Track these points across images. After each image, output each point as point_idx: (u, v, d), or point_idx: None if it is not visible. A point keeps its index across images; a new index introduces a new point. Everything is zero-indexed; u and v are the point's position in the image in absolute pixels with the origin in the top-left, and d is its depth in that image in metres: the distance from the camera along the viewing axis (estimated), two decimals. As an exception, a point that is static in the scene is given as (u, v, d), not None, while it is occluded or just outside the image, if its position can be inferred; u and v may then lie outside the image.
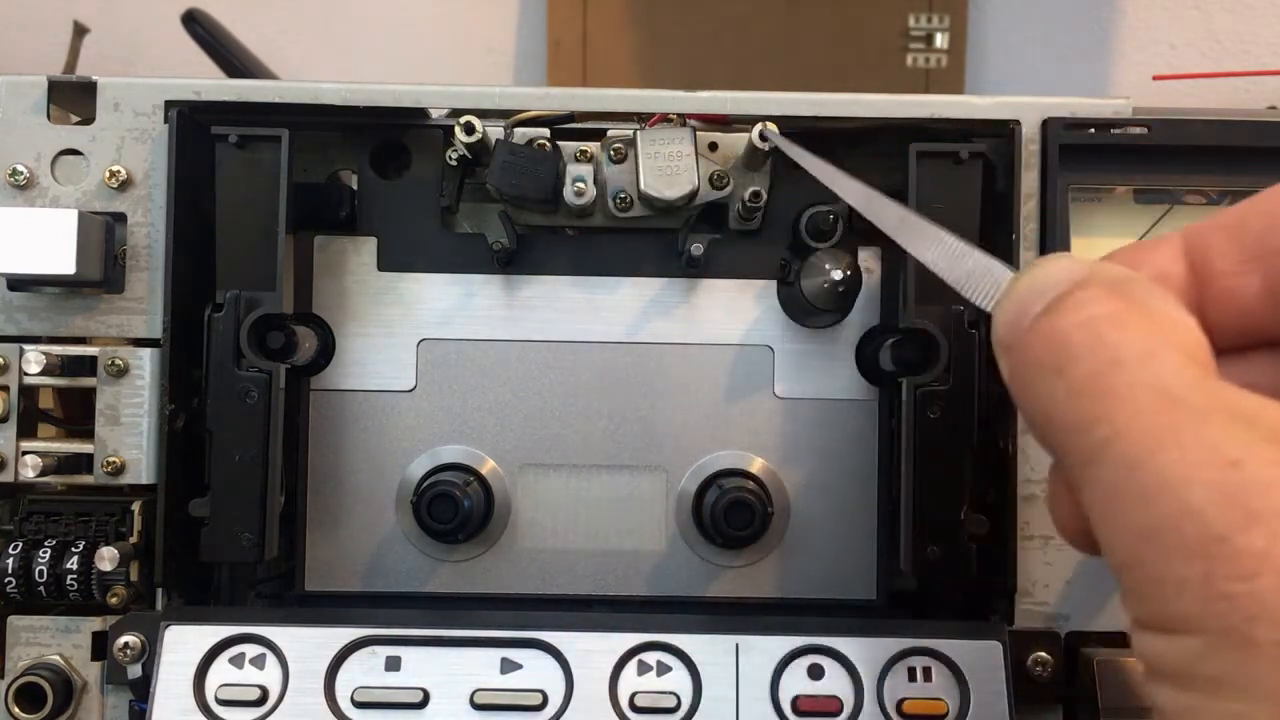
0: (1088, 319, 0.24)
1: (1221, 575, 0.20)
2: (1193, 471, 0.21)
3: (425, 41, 0.92)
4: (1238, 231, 0.27)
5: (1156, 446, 0.21)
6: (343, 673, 0.42)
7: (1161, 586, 0.21)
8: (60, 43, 0.82)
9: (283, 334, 0.45)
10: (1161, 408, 0.22)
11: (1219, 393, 0.22)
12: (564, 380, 0.49)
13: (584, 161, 0.48)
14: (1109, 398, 0.23)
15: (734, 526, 0.46)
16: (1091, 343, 0.23)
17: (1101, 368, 0.23)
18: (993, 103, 0.47)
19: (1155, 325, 0.24)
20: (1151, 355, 0.23)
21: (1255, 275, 0.26)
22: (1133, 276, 0.25)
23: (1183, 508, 0.21)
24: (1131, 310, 0.24)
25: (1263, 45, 0.92)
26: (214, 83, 0.46)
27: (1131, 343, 0.23)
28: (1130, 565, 0.22)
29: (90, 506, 0.46)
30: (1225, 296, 0.27)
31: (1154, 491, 0.21)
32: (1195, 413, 0.22)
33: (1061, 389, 0.24)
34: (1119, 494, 0.22)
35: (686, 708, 0.42)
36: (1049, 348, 0.24)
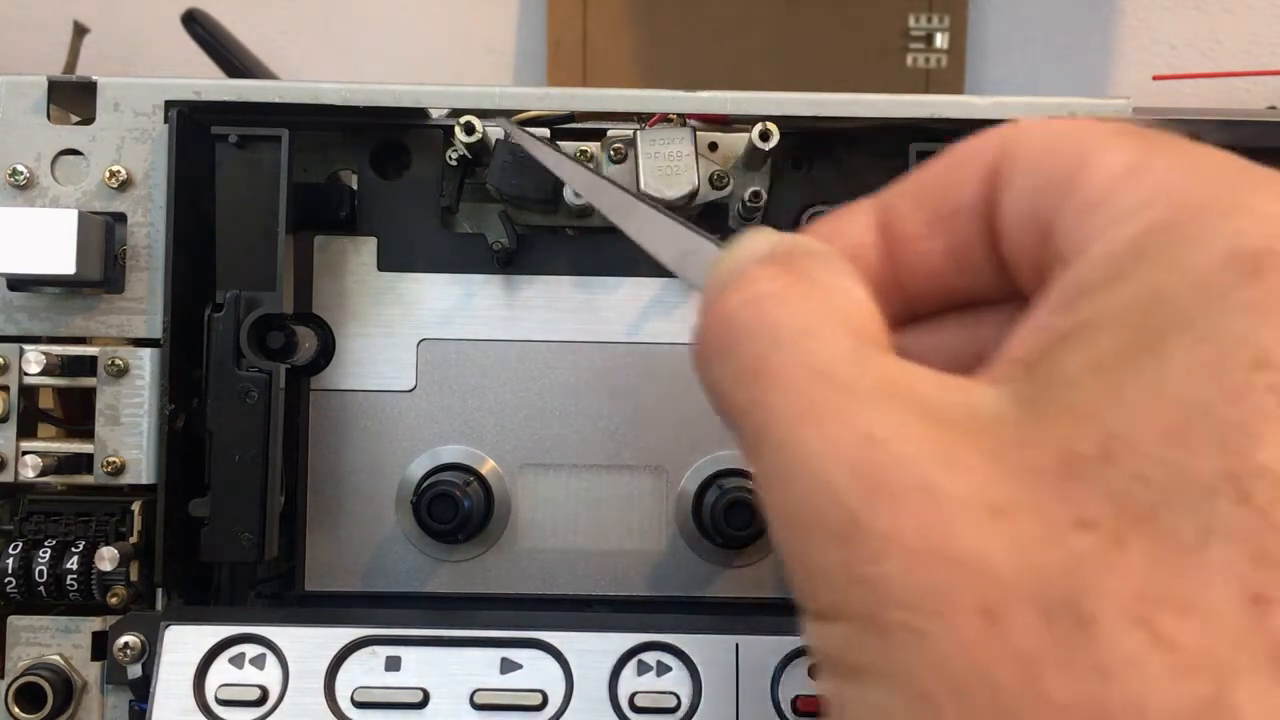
0: (753, 297, 0.23)
1: (856, 559, 0.19)
2: (832, 451, 0.20)
3: (425, 41, 0.92)
4: (920, 193, 0.26)
5: (801, 426, 0.21)
6: (343, 673, 0.42)
7: (810, 573, 0.21)
8: (60, 43, 0.82)
9: (283, 334, 0.45)
10: (814, 385, 0.21)
11: (872, 366, 0.21)
12: (564, 380, 0.49)
13: (584, 161, 0.48)
14: (767, 379, 0.22)
15: (734, 526, 0.46)
16: (754, 321, 0.23)
17: (763, 347, 0.22)
18: (993, 103, 0.47)
19: (818, 300, 0.23)
20: (809, 332, 0.22)
21: (941, 237, 0.25)
22: (811, 249, 0.25)
23: (822, 490, 0.20)
24: (797, 285, 0.23)
25: (1263, 45, 0.92)
26: (214, 83, 0.46)
27: (791, 319, 0.22)
28: (787, 554, 0.21)
29: (90, 506, 0.46)
30: (915, 261, 0.26)
31: (798, 472, 0.20)
32: (844, 389, 0.21)
33: (729, 372, 0.23)
34: (771, 480, 0.21)
35: (686, 708, 0.42)
36: (719, 329, 0.23)
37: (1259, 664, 0.17)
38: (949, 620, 0.18)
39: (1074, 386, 0.19)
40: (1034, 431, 0.19)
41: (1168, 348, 0.19)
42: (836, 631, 0.20)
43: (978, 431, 0.20)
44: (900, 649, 0.19)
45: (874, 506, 0.19)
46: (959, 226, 0.25)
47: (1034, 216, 0.23)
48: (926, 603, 0.18)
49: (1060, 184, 0.23)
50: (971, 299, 0.26)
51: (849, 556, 0.19)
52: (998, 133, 0.25)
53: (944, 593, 0.18)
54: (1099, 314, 0.20)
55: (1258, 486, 0.17)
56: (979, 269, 0.25)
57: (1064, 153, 0.23)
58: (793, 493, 0.20)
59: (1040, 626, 0.18)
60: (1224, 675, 0.17)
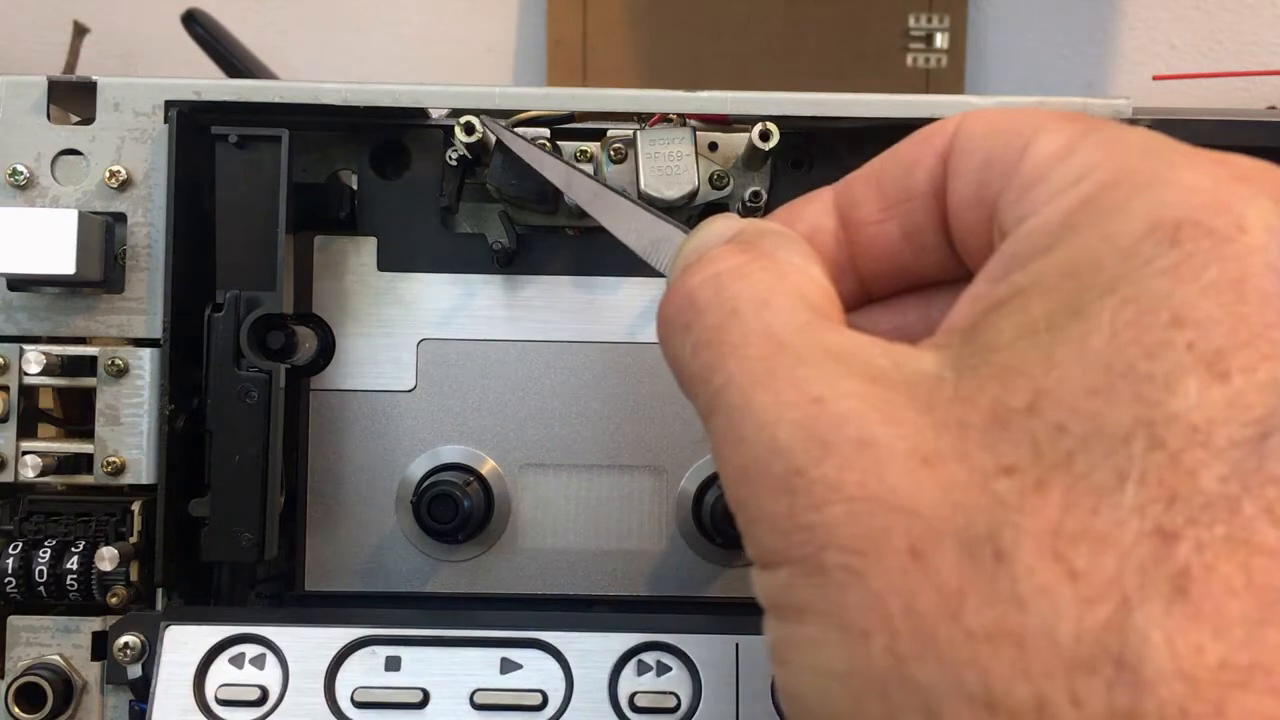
0: (713, 274, 0.25)
1: (800, 507, 0.21)
2: (781, 411, 0.22)
3: (425, 41, 0.92)
4: (877, 180, 0.28)
5: (754, 389, 0.22)
6: (343, 673, 0.42)
7: (758, 524, 0.22)
8: (60, 43, 0.82)
9: (283, 334, 0.45)
10: (767, 352, 0.23)
11: (821, 334, 0.23)
12: (564, 380, 0.49)
13: (584, 161, 0.48)
14: (724, 347, 0.23)
15: (734, 526, 0.46)
16: (714, 296, 0.24)
17: (722, 319, 0.24)
18: (993, 103, 0.47)
19: (774, 274, 0.24)
20: (765, 304, 0.23)
21: (895, 221, 0.27)
22: (771, 230, 0.26)
23: (770, 445, 0.21)
24: (755, 261, 0.25)
25: (1263, 45, 0.92)
26: (214, 83, 0.46)
27: (749, 292, 0.24)
28: (737, 506, 0.23)
29: (90, 506, 0.46)
30: (871, 245, 0.27)
31: (749, 433, 0.22)
32: (794, 355, 0.22)
33: (689, 343, 0.24)
34: (725, 439, 0.23)
35: (686, 708, 0.42)
36: (681, 305, 0.25)
37: (1161, 591, 0.18)
38: (881, 559, 0.20)
39: (1006, 349, 0.21)
40: (966, 390, 0.21)
41: (1093, 311, 0.20)
42: (779, 576, 0.22)
43: (915, 391, 0.21)
44: (837, 588, 0.20)
45: (818, 459, 0.21)
46: (913, 210, 0.27)
47: (979, 197, 0.25)
48: (862, 544, 0.20)
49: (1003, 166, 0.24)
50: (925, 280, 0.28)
51: (794, 505, 0.21)
52: (950, 120, 0.26)
53: (878, 534, 0.20)
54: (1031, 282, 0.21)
55: (1170, 433, 0.19)
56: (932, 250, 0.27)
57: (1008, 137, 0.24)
58: (744, 450, 0.22)
59: (962, 561, 0.19)
60: (1128, 601, 0.18)
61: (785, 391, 0.22)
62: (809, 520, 0.21)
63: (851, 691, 0.20)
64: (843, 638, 0.20)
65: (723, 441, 0.23)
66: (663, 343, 0.26)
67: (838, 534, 0.20)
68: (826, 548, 0.20)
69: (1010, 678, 0.18)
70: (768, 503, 0.22)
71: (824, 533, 0.20)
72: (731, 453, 0.23)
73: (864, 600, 0.20)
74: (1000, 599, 0.19)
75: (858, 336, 0.23)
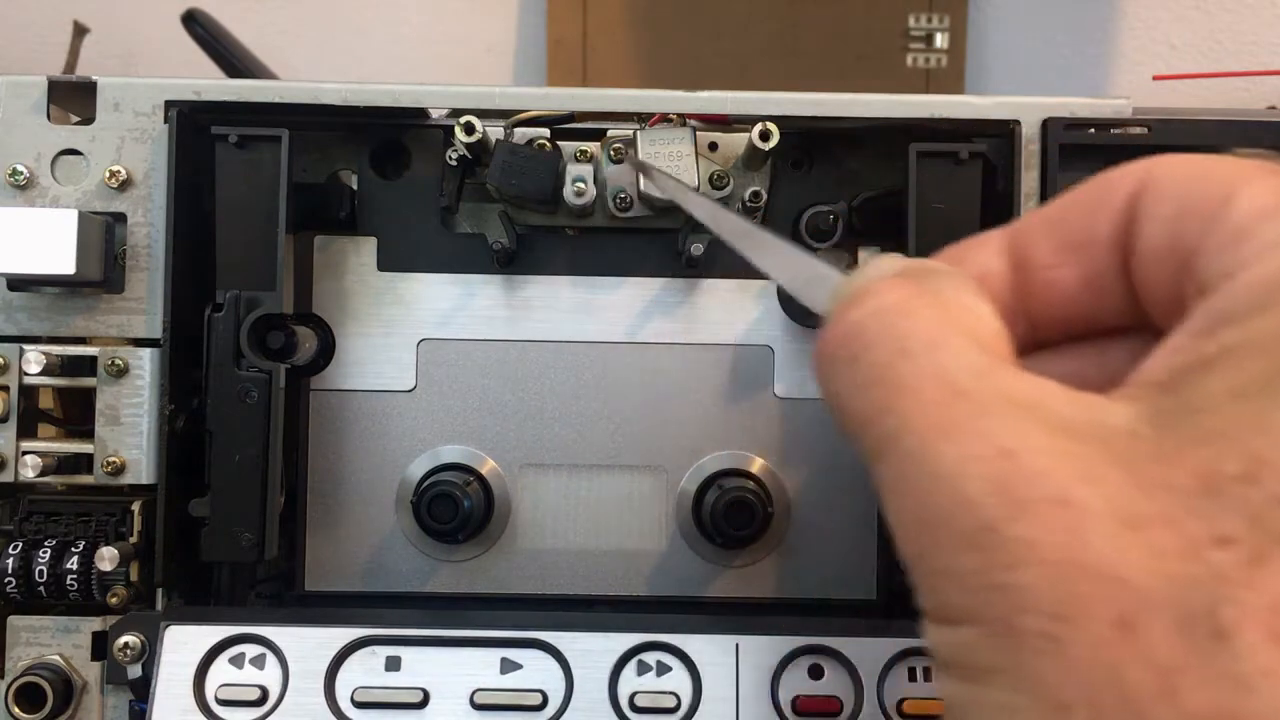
0: (878, 308, 0.24)
1: (992, 566, 0.20)
2: (967, 463, 0.21)
3: (425, 41, 0.92)
4: (1056, 224, 0.27)
5: (935, 438, 0.21)
6: (343, 673, 0.42)
7: (940, 578, 0.21)
8: (60, 43, 0.82)
9: (283, 334, 0.45)
10: (943, 398, 0.22)
11: (1002, 380, 0.22)
12: (564, 380, 0.49)
13: (584, 161, 0.48)
14: (895, 388, 0.22)
15: (734, 526, 0.46)
16: (882, 332, 0.23)
17: (890, 358, 0.23)
18: (993, 103, 0.47)
19: (945, 313, 0.24)
20: (938, 344, 0.23)
21: (1073, 266, 0.26)
22: (937, 269, 0.25)
23: (957, 499, 0.21)
24: (923, 298, 0.24)
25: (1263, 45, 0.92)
26: (214, 83, 0.46)
27: (919, 332, 0.23)
28: (914, 558, 0.22)
29: (90, 506, 0.46)
30: (1046, 289, 0.27)
31: (931, 483, 0.21)
32: (975, 402, 0.21)
33: (854, 380, 0.24)
34: (902, 486, 0.22)
35: (686, 708, 0.42)
36: (844, 338, 0.24)
37: None
38: (1084, 628, 0.19)
39: (1214, 411, 0.20)
40: (1171, 449, 0.20)
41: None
42: (964, 635, 0.21)
43: (1111, 446, 0.20)
44: (1033, 654, 0.19)
45: (1011, 517, 0.20)
46: (1094, 255, 0.26)
47: (1174, 247, 0.24)
48: (1062, 610, 0.19)
49: (1203, 215, 0.23)
50: (1100, 327, 0.27)
51: (984, 563, 0.20)
52: (1138, 165, 0.25)
53: (1080, 601, 0.19)
54: (1243, 341, 0.21)
55: None
56: (1110, 297, 0.26)
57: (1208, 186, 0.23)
58: (926, 502, 0.21)
59: (1176, 637, 0.18)
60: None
61: (971, 443, 0.21)
62: (1001, 580, 0.20)
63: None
64: (1037, 707, 0.19)
65: (897, 491, 0.22)
66: (822, 376, 0.25)
67: (1034, 598, 0.19)
68: (1021, 611, 0.19)
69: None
70: (953, 558, 0.21)
71: (1018, 595, 0.20)
72: (909, 503, 0.22)
73: (1064, 671, 0.19)
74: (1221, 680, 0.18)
75: (1041, 382, 0.22)
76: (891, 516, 0.23)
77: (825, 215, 0.48)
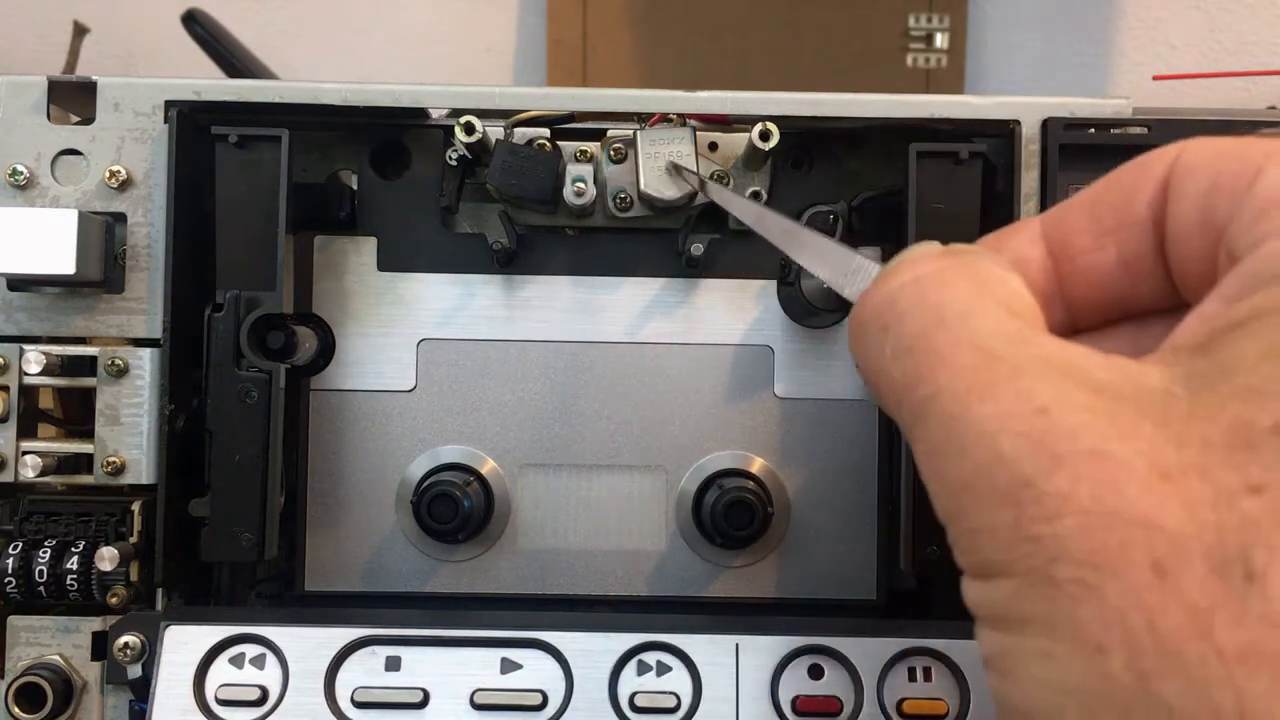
0: (913, 279, 0.25)
1: (1028, 519, 0.21)
2: (1004, 422, 0.21)
3: (425, 41, 0.92)
4: (1093, 208, 0.27)
5: (973, 400, 0.22)
6: (343, 673, 0.42)
7: (978, 535, 0.22)
8: (60, 43, 0.82)
9: (283, 334, 0.45)
10: (980, 363, 0.22)
11: (1036, 344, 0.23)
12: (564, 380, 0.49)
13: (584, 161, 0.48)
14: (931, 355, 0.23)
15: (734, 526, 0.46)
16: (916, 301, 0.24)
17: (926, 326, 0.24)
18: (993, 103, 0.47)
19: (978, 283, 0.24)
20: (972, 312, 0.23)
21: (1111, 249, 0.27)
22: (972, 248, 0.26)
23: (994, 456, 0.21)
24: (956, 270, 0.25)
25: (1263, 45, 0.92)
26: (214, 83, 0.46)
27: (954, 300, 0.24)
28: (952, 517, 0.23)
29: (90, 506, 0.46)
30: (1084, 273, 0.27)
31: (969, 443, 0.22)
32: (1010, 365, 0.22)
33: (889, 348, 0.24)
34: (940, 449, 0.23)
35: (686, 708, 0.42)
36: (879, 308, 0.25)
37: None
38: (1120, 574, 0.20)
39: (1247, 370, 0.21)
40: (1204, 406, 0.20)
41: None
42: (1001, 588, 0.22)
43: (1145, 405, 0.21)
44: (1070, 601, 0.20)
45: (1048, 471, 0.21)
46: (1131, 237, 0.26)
47: (1204, 221, 0.24)
48: (1099, 558, 0.20)
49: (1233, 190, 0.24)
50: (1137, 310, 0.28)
51: (1021, 516, 0.21)
52: (1170, 148, 0.26)
53: (1116, 549, 0.20)
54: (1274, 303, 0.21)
55: None
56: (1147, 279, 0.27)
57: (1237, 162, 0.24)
58: (963, 461, 0.22)
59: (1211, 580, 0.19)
60: None
61: (1007, 402, 0.22)
62: (1038, 532, 0.20)
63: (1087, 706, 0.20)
64: (1076, 651, 0.20)
65: (935, 452, 0.23)
66: (856, 346, 0.26)
67: (1071, 547, 0.20)
68: (1057, 560, 0.20)
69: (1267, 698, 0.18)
70: (990, 514, 0.21)
71: (1054, 545, 0.20)
72: (947, 464, 0.22)
73: (1102, 615, 0.20)
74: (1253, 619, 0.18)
75: (1074, 347, 0.23)
76: (930, 481, 0.23)
77: (825, 215, 0.48)
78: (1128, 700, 0.19)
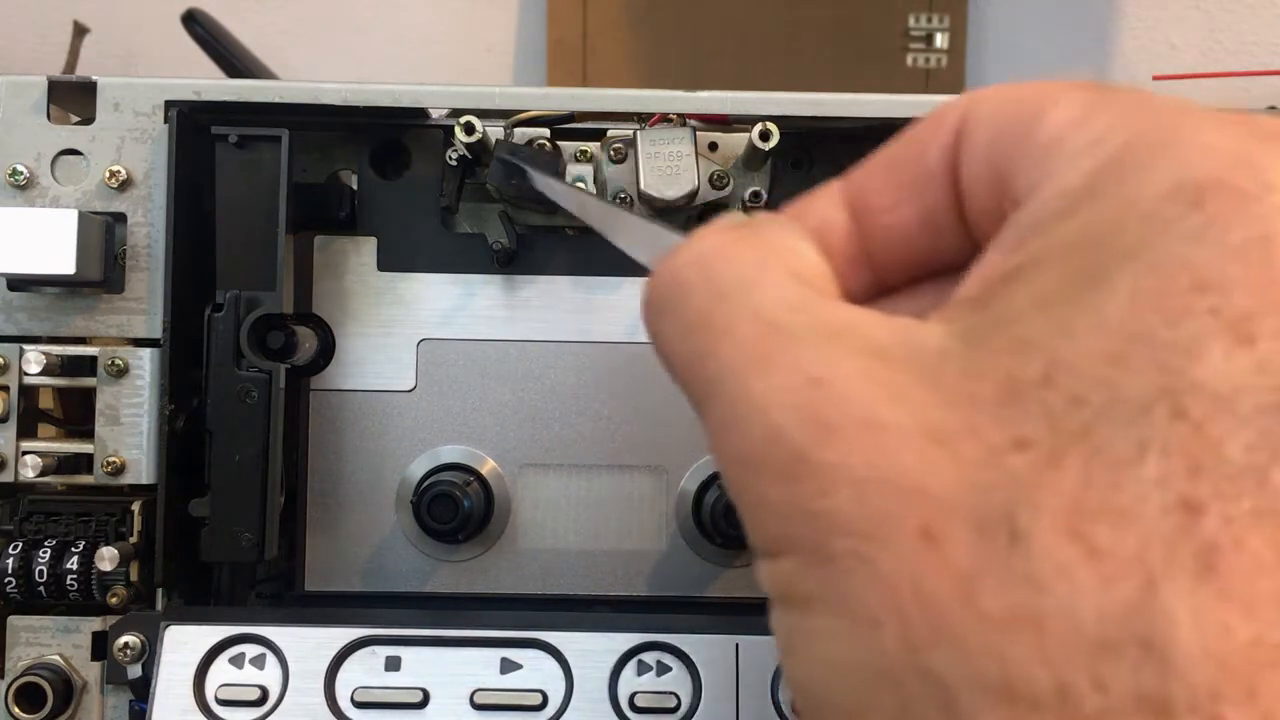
0: (697, 255, 0.24)
1: (804, 493, 0.20)
2: (779, 395, 0.21)
3: (425, 41, 0.92)
4: (890, 165, 0.27)
5: (750, 374, 0.21)
6: (343, 673, 0.42)
7: (760, 511, 0.21)
8: (60, 43, 0.82)
9: (283, 334, 0.45)
10: (759, 335, 0.21)
11: (817, 311, 0.22)
12: (564, 380, 0.49)
13: (584, 161, 0.48)
14: (713, 331, 0.22)
15: (734, 526, 0.46)
16: (699, 277, 0.23)
17: (709, 303, 0.23)
18: (993, 103, 0.47)
19: (763, 252, 0.23)
20: (754, 283, 0.22)
21: (909, 205, 0.26)
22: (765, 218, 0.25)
23: (770, 431, 0.20)
24: (742, 241, 0.24)
25: (1263, 45, 0.92)
26: (214, 83, 0.46)
27: (735, 273, 0.23)
28: (737, 496, 0.22)
29: (90, 506, 0.46)
30: (885, 233, 0.26)
31: (749, 419, 0.21)
32: (789, 335, 0.21)
33: (677, 328, 0.24)
34: (724, 425, 0.22)
35: (686, 708, 0.42)
36: (666, 288, 0.24)
37: (1187, 566, 0.17)
38: (891, 543, 0.19)
39: (1019, 320, 0.20)
40: (977, 363, 0.20)
41: (1112, 278, 0.19)
42: (784, 566, 0.21)
43: (921, 366, 0.20)
44: (846, 575, 0.19)
45: (820, 442, 0.20)
46: (928, 192, 0.26)
47: (992, 169, 0.24)
48: (871, 528, 0.19)
49: (1016, 134, 0.23)
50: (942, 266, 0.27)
51: (797, 491, 0.20)
52: (961, 98, 0.25)
53: (887, 518, 0.19)
54: (1046, 249, 0.20)
55: (1193, 402, 0.18)
56: (947, 234, 0.26)
57: (1020, 107, 0.23)
58: (741, 439, 0.21)
59: (976, 542, 0.18)
60: (1152, 579, 0.17)
61: (782, 374, 0.21)
62: (814, 507, 0.20)
63: (863, 683, 0.19)
64: (852, 627, 0.19)
65: (718, 430, 0.22)
66: (648, 328, 0.25)
67: (845, 519, 0.19)
68: (833, 534, 0.19)
69: (1029, 664, 0.17)
70: (769, 490, 0.21)
71: (829, 519, 0.19)
72: (727, 442, 0.22)
73: (873, 587, 0.19)
74: (1017, 581, 0.18)
75: (857, 311, 0.22)
76: (717, 459, 0.22)
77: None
78: (900, 674, 0.19)
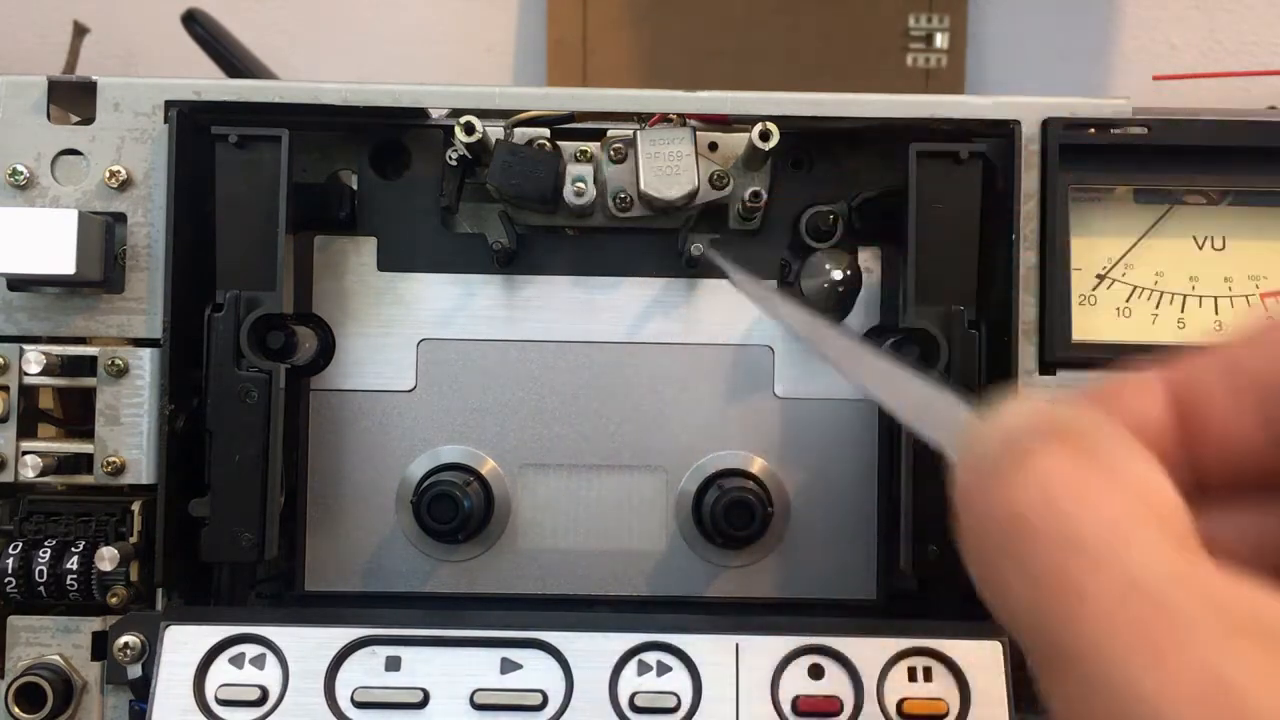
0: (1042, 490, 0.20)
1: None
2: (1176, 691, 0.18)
3: (425, 41, 0.92)
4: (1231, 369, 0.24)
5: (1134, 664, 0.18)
6: (343, 673, 0.42)
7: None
8: (60, 43, 0.82)
9: (283, 334, 0.45)
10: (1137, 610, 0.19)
11: (1205, 585, 0.19)
12: (564, 380, 0.49)
13: (584, 161, 0.48)
14: (1070, 595, 0.19)
15: (734, 526, 0.46)
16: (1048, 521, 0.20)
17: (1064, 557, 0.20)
18: (993, 103, 0.47)
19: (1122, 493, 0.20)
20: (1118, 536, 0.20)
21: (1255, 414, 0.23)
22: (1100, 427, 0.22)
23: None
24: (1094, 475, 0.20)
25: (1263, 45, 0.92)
26: (214, 83, 0.46)
27: (1094, 520, 0.20)
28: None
29: (90, 506, 0.46)
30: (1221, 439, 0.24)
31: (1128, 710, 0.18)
32: (1178, 617, 0.18)
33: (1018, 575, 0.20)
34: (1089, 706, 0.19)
35: (686, 708, 0.42)
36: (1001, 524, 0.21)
37: None
38: None
39: None
40: None
41: None
42: None
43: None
44: None
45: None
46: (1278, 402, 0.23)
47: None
48: None
49: None
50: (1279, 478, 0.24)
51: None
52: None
53: None
54: None
55: None
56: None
57: None
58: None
59: None
60: None
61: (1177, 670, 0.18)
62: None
63: None
64: None
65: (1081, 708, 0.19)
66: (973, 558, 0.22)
67: None
68: None
69: None
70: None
71: None
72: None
73: None
74: None
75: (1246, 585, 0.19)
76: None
77: (825, 215, 0.48)
78: None
